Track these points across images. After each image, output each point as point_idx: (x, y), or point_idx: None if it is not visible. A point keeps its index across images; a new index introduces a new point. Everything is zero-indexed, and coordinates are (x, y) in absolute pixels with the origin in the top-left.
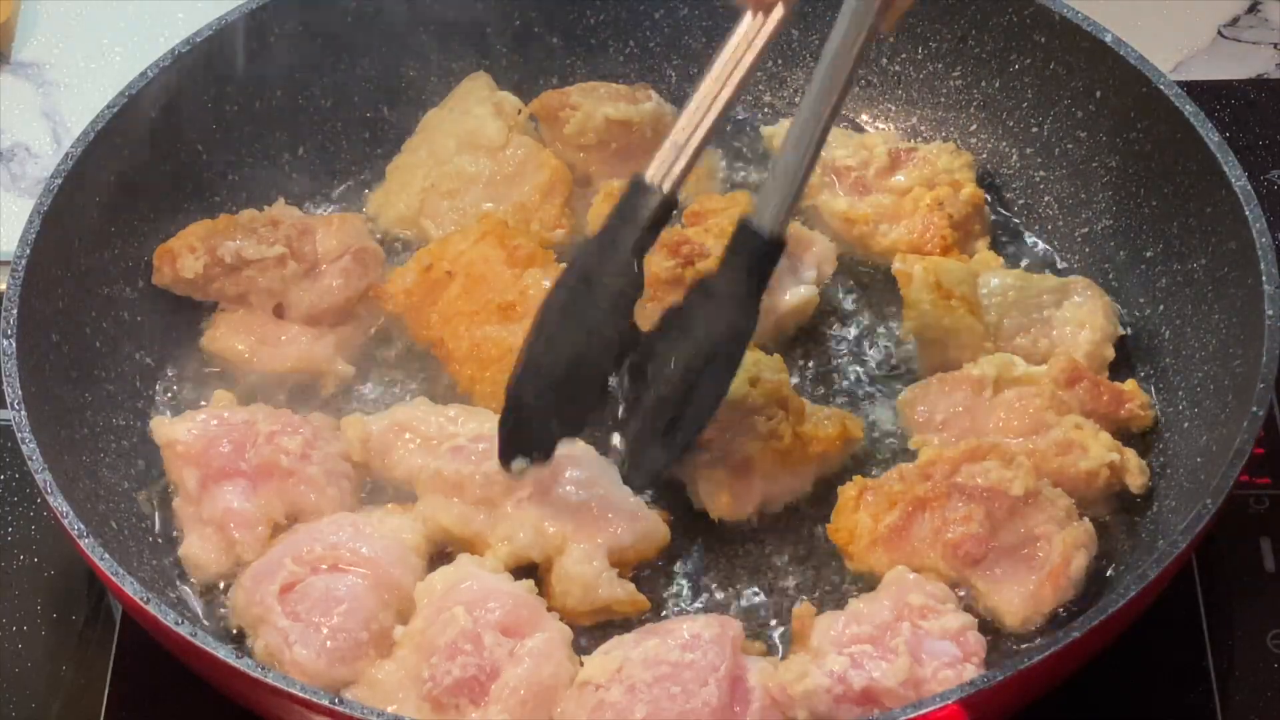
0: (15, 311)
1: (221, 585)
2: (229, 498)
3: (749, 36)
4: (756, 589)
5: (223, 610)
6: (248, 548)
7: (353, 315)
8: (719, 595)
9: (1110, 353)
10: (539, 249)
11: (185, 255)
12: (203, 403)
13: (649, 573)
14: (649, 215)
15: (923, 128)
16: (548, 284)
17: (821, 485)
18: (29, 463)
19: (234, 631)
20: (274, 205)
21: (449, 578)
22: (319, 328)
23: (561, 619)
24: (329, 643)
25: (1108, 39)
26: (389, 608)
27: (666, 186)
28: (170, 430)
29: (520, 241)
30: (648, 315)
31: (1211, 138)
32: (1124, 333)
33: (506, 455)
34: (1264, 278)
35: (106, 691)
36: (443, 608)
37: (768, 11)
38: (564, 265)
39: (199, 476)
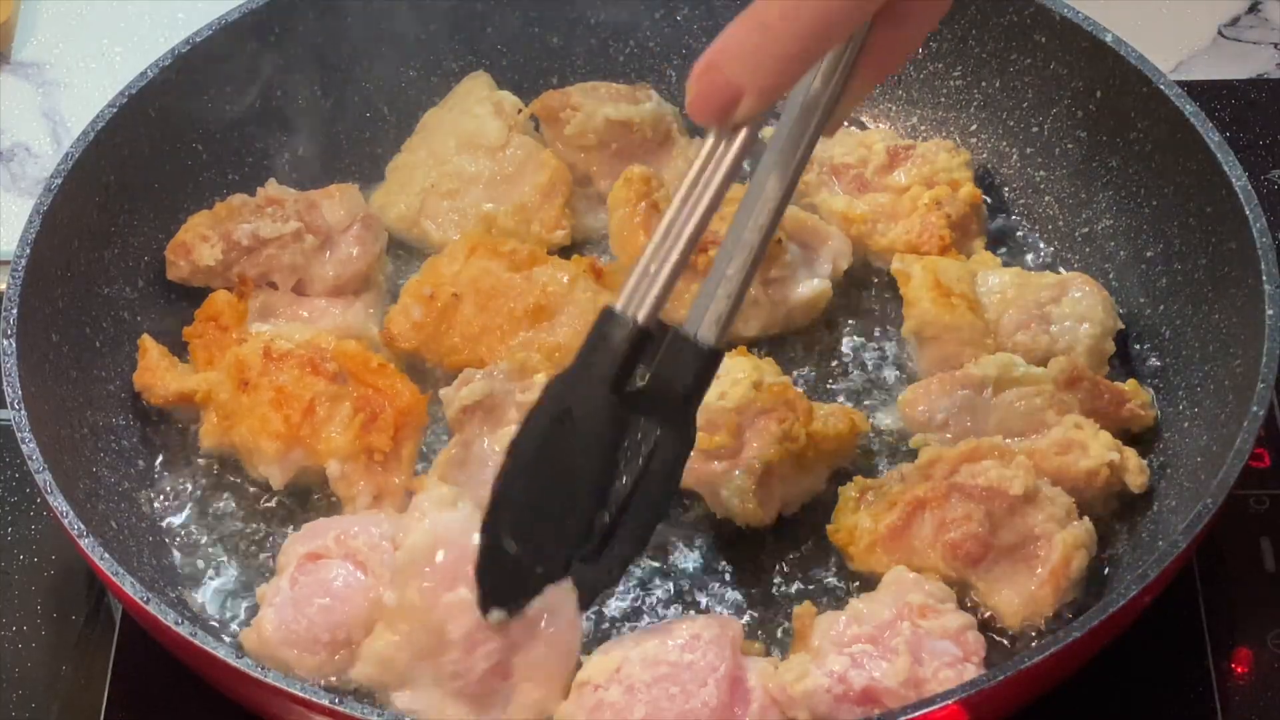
0: (15, 311)
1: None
2: None
3: (715, 157)
4: (756, 589)
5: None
6: None
7: (372, 282)
8: (719, 595)
9: (1110, 347)
10: (533, 247)
11: (199, 245)
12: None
13: (647, 573)
14: (623, 348)
15: (923, 127)
16: (563, 278)
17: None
18: (29, 463)
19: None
20: (266, 185)
21: (430, 537)
22: (344, 297)
23: None
24: (293, 624)
25: (1108, 39)
26: (369, 625)
27: (641, 317)
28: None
29: (511, 245)
30: None
31: (1211, 138)
32: (1123, 327)
33: (485, 605)
34: (1264, 278)
35: (106, 691)
36: (443, 579)
37: (733, 132)
38: (570, 256)
39: None
